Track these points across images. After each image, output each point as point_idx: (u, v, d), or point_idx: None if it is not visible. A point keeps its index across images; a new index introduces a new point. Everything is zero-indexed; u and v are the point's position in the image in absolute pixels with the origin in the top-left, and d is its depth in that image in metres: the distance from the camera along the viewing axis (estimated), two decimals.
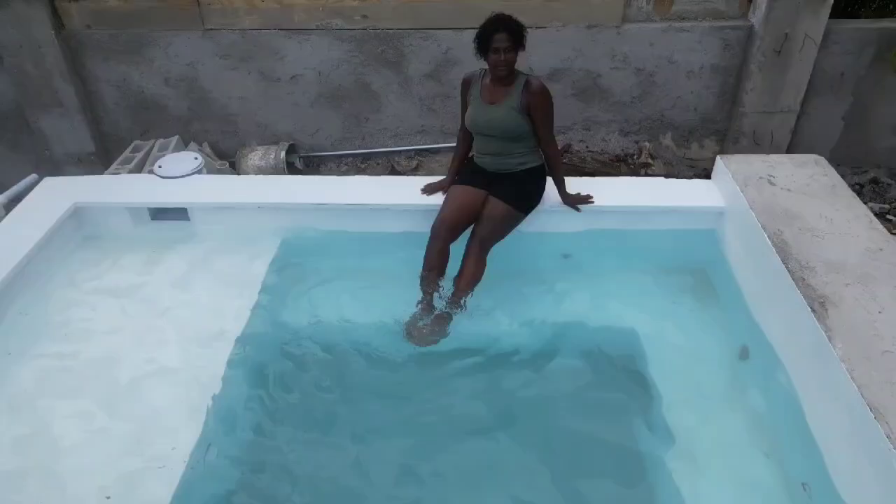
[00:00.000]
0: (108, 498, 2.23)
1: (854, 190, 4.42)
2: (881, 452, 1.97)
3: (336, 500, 2.34)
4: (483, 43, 2.79)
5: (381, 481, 2.37)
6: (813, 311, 2.44)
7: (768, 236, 2.86)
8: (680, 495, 2.29)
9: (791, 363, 2.61)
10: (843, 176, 4.22)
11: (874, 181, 4.45)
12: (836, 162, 4.44)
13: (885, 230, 2.89)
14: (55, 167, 4.36)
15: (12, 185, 3.79)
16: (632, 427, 2.56)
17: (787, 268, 2.66)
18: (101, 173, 4.20)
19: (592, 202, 3.22)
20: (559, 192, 3.17)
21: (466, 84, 3.05)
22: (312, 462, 2.44)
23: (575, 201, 3.20)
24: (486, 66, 2.90)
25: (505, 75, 2.86)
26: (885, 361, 2.22)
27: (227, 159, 4.36)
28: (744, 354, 2.86)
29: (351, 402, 2.66)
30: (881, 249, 2.76)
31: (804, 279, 2.60)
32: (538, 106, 2.87)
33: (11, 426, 2.49)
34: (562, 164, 3.17)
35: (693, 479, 2.34)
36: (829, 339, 2.32)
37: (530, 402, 2.66)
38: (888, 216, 4.31)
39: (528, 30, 2.75)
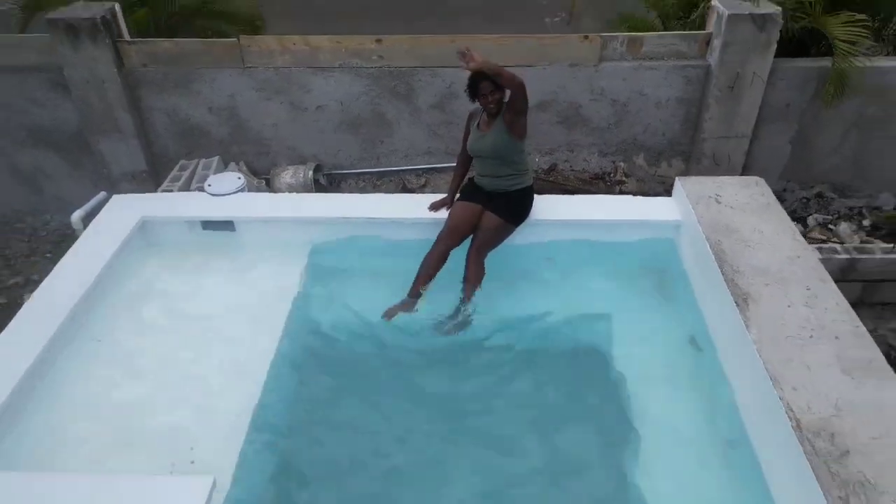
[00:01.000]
0: (192, 462, 2.89)
1: (802, 203, 5.13)
2: (778, 410, 2.66)
3: (366, 462, 3.03)
4: (473, 91, 3.49)
5: (401, 446, 3.07)
6: (737, 305, 3.13)
7: (710, 246, 3.55)
8: (632, 442, 3.00)
9: (722, 346, 3.31)
10: (791, 191, 4.95)
11: (819, 195, 5.14)
12: (787, 178, 5.15)
13: (804, 241, 3.58)
14: (112, 184, 5.05)
15: (78, 198, 4.48)
16: (598, 397, 3.27)
17: (721, 271, 3.35)
18: (153, 189, 4.90)
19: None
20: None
21: (471, 117, 3.74)
22: (346, 431, 3.14)
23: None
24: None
25: (496, 112, 3.55)
26: (787, 344, 2.92)
27: (261, 177, 5.05)
28: (693, 341, 3.56)
29: (369, 377, 3.39)
30: (798, 257, 3.46)
31: (734, 280, 3.29)
32: (508, 104, 3.45)
33: (113, 391, 3.19)
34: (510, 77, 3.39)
35: (645, 435, 3.04)
36: (747, 327, 3.01)
37: (519, 371, 3.39)
38: (829, 226, 4.99)
39: (520, 68, 3.43)
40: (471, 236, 3.75)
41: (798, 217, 5.05)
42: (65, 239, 4.97)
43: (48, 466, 2.86)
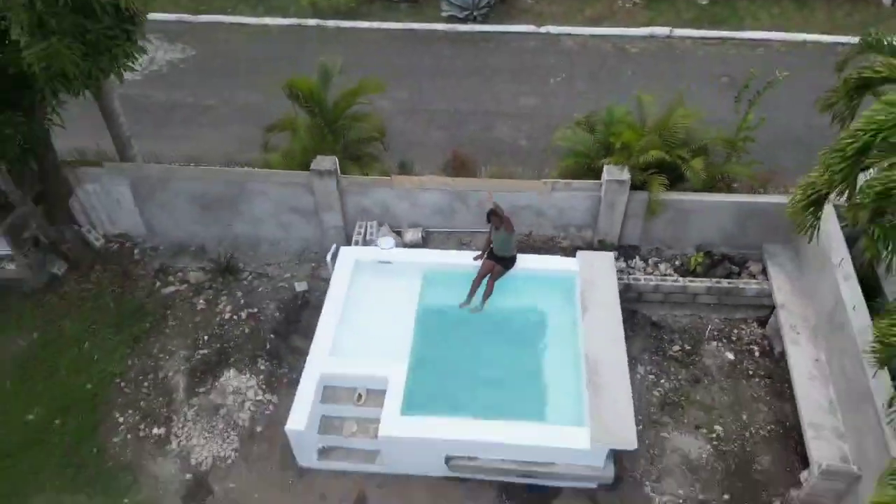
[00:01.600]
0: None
1: (630, 250, 10.85)
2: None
3: (460, 367, 9.01)
4: (487, 218, 9.33)
5: (470, 362, 9.07)
6: (584, 310, 9.01)
7: (581, 282, 9.40)
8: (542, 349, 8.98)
9: (584, 326, 9.23)
10: (641, 246, 10.67)
11: (657, 249, 10.80)
12: (641, 241, 10.86)
13: (616, 284, 9.41)
14: (328, 236, 10.96)
15: (322, 244, 10.44)
16: (537, 336, 9.26)
17: (582, 295, 9.22)
18: (348, 237, 10.82)
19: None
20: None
21: (491, 224, 9.57)
22: (449, 353, 9.12)
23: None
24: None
25: (497, 227, 9.37)
26: (603, 337, 8.80)
27: (395, 229, 10.90)
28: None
29: (452, 328, 9.36)
30: (612, 296, 9.30)
31: (584, 295, 9.16)
32: (505, 223, 9.34)
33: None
34: (503, 215, 9.67)
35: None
36: (583, 315, 8.89)
37: (503, 323, 9.37)
38: (658, 264, 10.67)
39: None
40: (489, 274, 9.64)
41: (644, 258, 10.73)
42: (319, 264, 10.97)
43: None
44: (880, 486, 4.81)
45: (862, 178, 6.48)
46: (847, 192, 6.37)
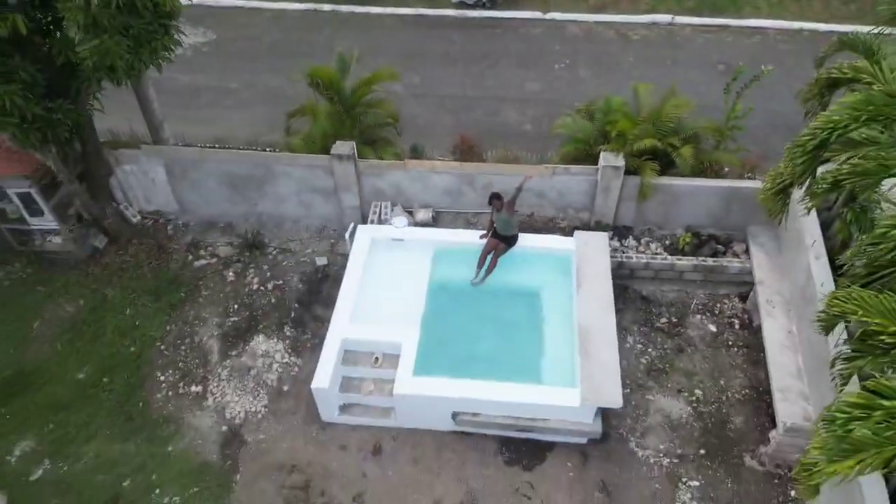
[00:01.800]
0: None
1: (639, 231, 11.78)
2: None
3: (466, 332, 10.04)
4: (489, 202, 10.26)
5: (477, 332, 10.10)
6: (579, 285, 9.98)
7: (576, 259, 10.36)
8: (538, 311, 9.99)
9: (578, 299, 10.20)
10: (636, 226, 11.61)
11: (649, 229, 11.72)
12: (635, 222, 11.78)
13: (609, 262, 10.36)
14: (345, 214, 11.92)
15: (340, 221, 11.42)
16: (529, 304, 10.25)
17: (578, 271, 10.18)
18: (363, 216, 11.78)
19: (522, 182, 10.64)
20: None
21: (493, 207, 10.49)
22: (456, 320, 10.14)
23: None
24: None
25: (498, 209, 10.29)
26: (592, 304, 9.78)
27: (407, 209, 11.85)
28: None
29: (460, 298, 10.37)
30: (605, 268, 10.25)
31: (580, 271, 10.12)
32: (507, 204, 10.28)
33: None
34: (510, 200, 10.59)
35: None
36: (577, 289, 9.87)
37: (498, 293, 10.37)
38: (649, 244, 11.60)
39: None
40: (493, 251, 10.59)
41: (637, 238, 11.65)
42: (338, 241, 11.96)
43: None
44: (815, 433, 5.76)
45: (822, 170, 7.35)
46: (808, 182, 7.25)
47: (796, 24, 17.35)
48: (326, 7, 18.38)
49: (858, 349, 5.96)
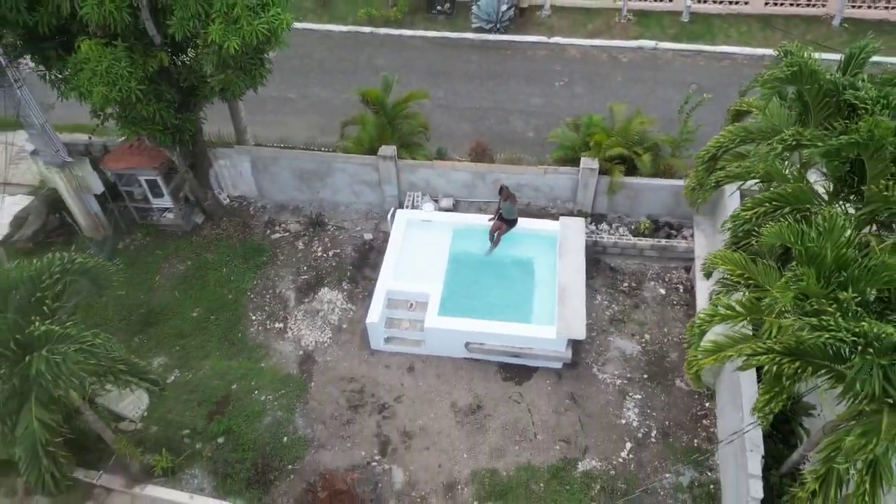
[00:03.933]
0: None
1: (600, 216, 15.43)
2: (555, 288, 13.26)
3: (478, 290, 13.74)
4: (499, 193, 13.93)
5: (488, 291, 13.82)
6: (560, 255, 13.64)
7: (560, 239, 14.01)
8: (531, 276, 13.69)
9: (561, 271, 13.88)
10: (607, 214, 15.30)
11: (619, 217, 15.29)
12: (608, 210, 15.41)
13: (583, 242, 14.01)
14: (386, 200, 15.61)
15: (381, 207, 15.15)
16: (523, 272, 13.95)
17: (560, 247, 13.84)
18: (399, 207, 15.50)
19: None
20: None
21: (501, 196, 14.15)
22: (473, 284, 13.84)
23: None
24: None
25: (505, 199, 13.95)
26: (572, 273, 13.45)
27: (433, 199, 15.52)
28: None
29: (478, 267, 14.07)
30: (580, 248, 13.91)
31: (562, 247, 13.78)
32: (509, 198, 13.95)
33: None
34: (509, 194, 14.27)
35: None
36: (559, 258, 13.53)
37: (500, 263, 14.09)
38: (619, 228, 15.15)
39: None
40: (498, 231, 14.26)
41: (609, 223, 15.23)
42: (381, 221, 15.68)
43: None
44: (688, 331, 9.41)
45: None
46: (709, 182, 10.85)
47: (759, 51, 20.72)
48: (366, 29, 22.09)
49: (721, 286, 9.57)
